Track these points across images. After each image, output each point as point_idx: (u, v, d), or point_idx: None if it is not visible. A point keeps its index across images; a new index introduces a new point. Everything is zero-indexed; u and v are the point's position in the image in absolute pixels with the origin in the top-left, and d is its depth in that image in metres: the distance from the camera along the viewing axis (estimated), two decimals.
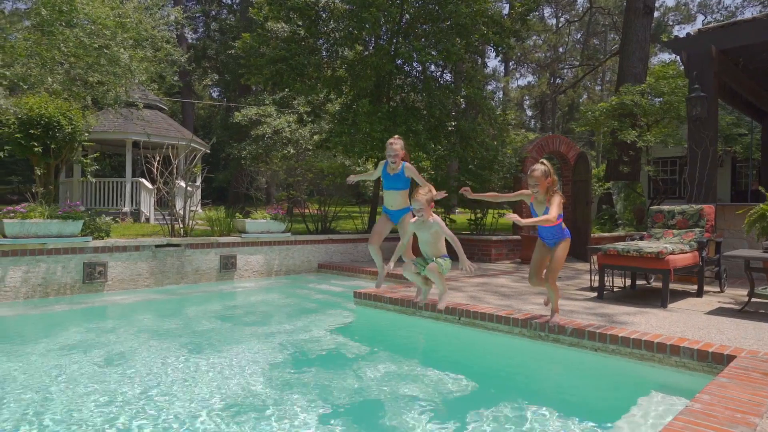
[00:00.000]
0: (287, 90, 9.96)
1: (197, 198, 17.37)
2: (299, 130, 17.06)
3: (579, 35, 41.03)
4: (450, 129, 10.19)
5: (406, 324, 5.25)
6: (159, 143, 13.41)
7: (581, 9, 37.39)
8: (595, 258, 5.88)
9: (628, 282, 6.43)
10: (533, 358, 4.17)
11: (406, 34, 9.81)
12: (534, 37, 36.82)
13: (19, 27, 6.77)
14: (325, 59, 10.40)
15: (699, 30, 7.59)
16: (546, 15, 39.42)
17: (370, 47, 10.21)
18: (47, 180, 11.28)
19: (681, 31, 25.12)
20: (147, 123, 14.86)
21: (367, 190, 17.30)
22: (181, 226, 7.85)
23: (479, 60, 13.08)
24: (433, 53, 9.18)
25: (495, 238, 9.73)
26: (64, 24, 5.98)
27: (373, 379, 3.53)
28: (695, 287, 5.94)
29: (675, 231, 6.12)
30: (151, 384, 3.36)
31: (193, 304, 6.42)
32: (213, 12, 30.64)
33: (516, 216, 3.83)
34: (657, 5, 29.39)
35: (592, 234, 10.42)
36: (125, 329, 4.89)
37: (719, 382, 2.89)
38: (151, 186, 11.44)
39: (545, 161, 4.09)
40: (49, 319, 5.33)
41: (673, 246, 5.31)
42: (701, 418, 2.38)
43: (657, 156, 14.86)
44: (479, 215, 10.51)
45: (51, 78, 6.69)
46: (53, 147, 10.38)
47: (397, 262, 4.71)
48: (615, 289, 6.14)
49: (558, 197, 4.02)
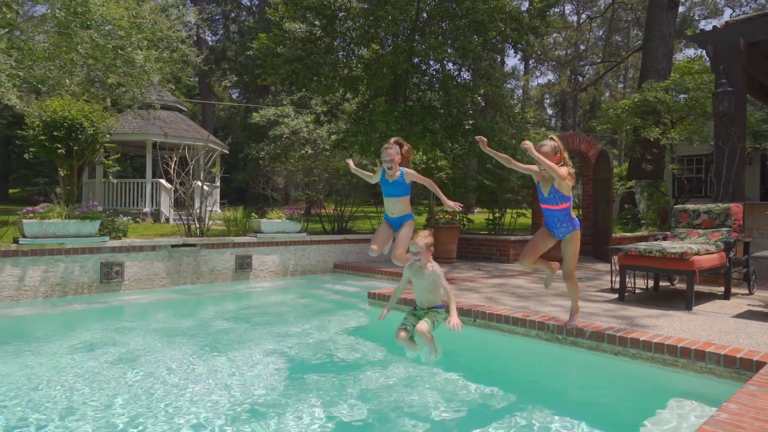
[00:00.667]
0: (303, 90, 9.92)
1: (216, 198, 17.54)
2: (317, 130, 17.09)
3: (601, 32, 40.32)
4: (467, 128, 10.04)
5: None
6: (177, 144, 13.56)
7: (603, 5, 36.72)
8: (616, 258, 5.70)
9: (650, 283, 6.23)
10: (550, 361, 4.05)
11: (422, 32, 9.71)
12: (554, 35, 36.27)
13: (41, 30, 6.88)
14: (342, 59, 10.36)
15: (726, 22, 7.32)
16: (567, 12, 38.85)
17: (386, 46, 10.13)
18: (70, 181, 11.49)
19: (707, 26, 24.46)
20: (166, 124, 15.04)
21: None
22: (198, 226, 7.89)
23: (498, 58, 12.91)
24: (450, 51, 9.06)
25: (513, 238, 9.56)
26: (79, 26, 6.05)
27: (387, 381, 3.45)
28: (722, 289, 5.72)
29: (700, 231, 5.91)
30: (166, 384, 3.36)
31: (209, 304, 6.44)
32: (232, 14, 30.95)
33: (531, 144, 3.54)
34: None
35: (613, 234, 10.18)
36: (141, 329, 4.91)
37: (748, 390, 2.73)
38: (170, 186, 11.58)
39: (555, 137, 3.78)
40: (68, 318, 5.39)
41: (699, 246, 5.11)
42: (728, 429, 2.25)
43: (682, 154, 14.45)
44: (497, 215, 10.35)
45: (69, 80, 6.78)
46: (76, 148, 10.57)
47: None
48: (637, 291, 5.95)
49: (566, 168, 3.64)
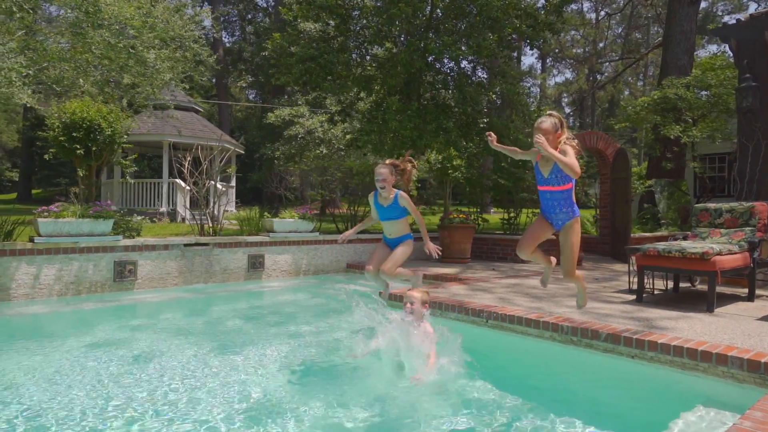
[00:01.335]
0: (316, 89, 9.91)
1: (231, 198, 17.66)
2: (331, 129, 17.10)
3: (620, 29, 39.68)
4: (482, 126, 9.92)
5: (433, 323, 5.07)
6: (193, 144, 13.65)
7: (622, 2, 36.11)
8: (634, 259, 5.55)
9: (670, 284, 6.05)
10: (564, 364, 3.93)
11: (436, 29, 9.62)
12: (572, 32, 35.81)
13: (58, 31, 6.96)
14: (355, 58, 10.32)
15: (751, 15, 7.10)
16: (585, 9, 38.33)
17: (400, 44, 10.06)
18: (89, 181, 11.66)
19: (731, 22, 23.90)
20: (182, 124, 15.18)
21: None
22: (211, 225, 7.91)
23: (515, 55, 12.74)
24: (464, 48, 8.95)
25: None
26: (90, 25, 6.11)
27: (398, 381, 3.37)
28: (746, 291, 5.53)
29: (722, 230, 5.71)
30: (176, 382, 3.36)
31: (221, 303, 6.44)
32: (249, 15, 31.18)
33: (543, 140, 3.10)
34: None
35: (632, 234, 9.95)
36: (153, 327, 4.94)
37: None
38: (186, 186, 11.68)
39: (554, 112, 3.32)
40: (81, 317, 5.44)
41: (721, 246, 4.94)
42: None
43: (704, 152, 14.09)
44: (512, 214, 10.20)
45: (83, 80, 6.85)
46: (94, 149, 10.71)
47: (419, 261, 4.48)
48: (656, 292, 5.79)
49: (571, 150, 3.17)
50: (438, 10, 9.87)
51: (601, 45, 38.58)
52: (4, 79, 4.95)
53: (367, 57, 10.45)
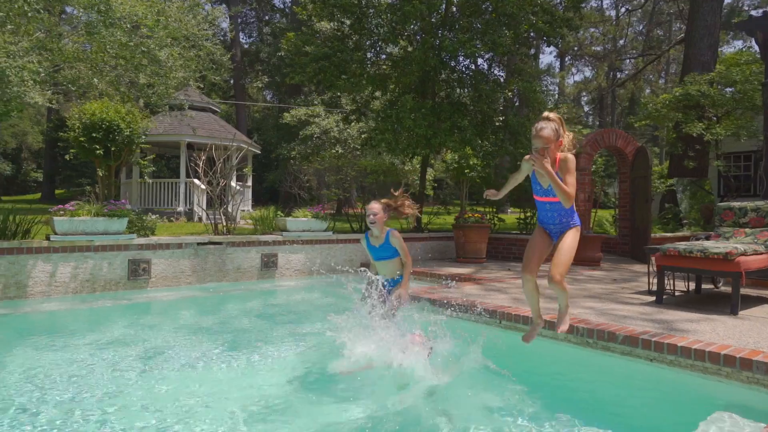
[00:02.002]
0: (330, 87, 9.88)
1: (248, 198, 17.76)
2: (347, 129, 17.08)
3: (641, 26, 38.93)
4: (497, 124, 9.78)
5: (447, 325, 4.98)
6: (210, 144, 13.77)
7: None
8: (654, 259, 5.38)
9: (692, 286, 5.86)
10: (579, 366, 3.82)
11: (450, 26, 9.51)
12: (591, 30, 35.23)
13: (73, 33, 7.05)
14: (370, 56, 10.27)
15: None
16: (605, 5, 37.70)
17: (414, 42, 9.98)
18: (108, 181, 11.84)
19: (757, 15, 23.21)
20: (199, 125, 15.32)
21: (413, 188, 17.05)
22: (225, 224, 7.93)
23: (532, 52, 12.56)
24: (479, 45, 8.83)
25: None
26: (102, 24, 6.17)
27: (408, 381, 3.29)
28: None
29: (747, 230, 5.51)
30: (187, 380, 3.37)
31: (234, 302, 6.44)
32: (266, 16, 31.39)
33: (537, 157, 2.76)
34: None
35: (652, 234, 9.71)
36: (166, 326, 4.96)
37: None
38: (202, 186, 11.77)
39: (551, 114, 2.90)
40: (95, 314, 5.48)
41: (745, 246, 4.76)
42: None
43: (728, 150, 13.71)
44: (529, 214, 10.04)
45: (98, 80, 6.93)
46: (113, 149, 10.88)
47: (434, 262, 4.38)
48: (676, 294, 5.61)
49: (572, 162, 2.85)
50: (453, 7, 9.76)
51: (621, 42, 37.91)
52: (16, 78, 5.02)
53: (382, 56, 10.39)
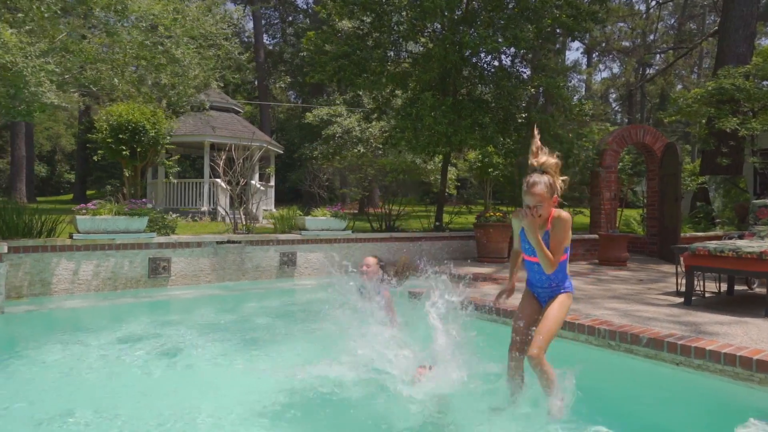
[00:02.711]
0: (350, 85, 9.85)
1: (271, 197, 17.89)
2: (369, 128, 17.04)
3: (672, 20, 37.82)
4: (520, 121, 9.58)
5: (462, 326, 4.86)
6: (233, 144, 13.92)
7: None
8: (683, 259, 5.16)
9: (724, 287, 5.61)
10: (601, 369, 3.65)
11: (471, 22, 9.36)
12: (620, 24, 34.38)
13: (96, 36, 7.17)
14: (390, 54, 10.19)
15: None
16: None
17: (435, 39, 9.86)
18: (134, 181, 12.09)
19: None
20: (222, 125, 15.50)
21: (435, 187, 16.91)
22: (244, 223, 7.97)
23: (557, 47, 12.29)
24: (500, 40, 8.65)
25: None
26: (119, 23, 6.26)
27: (423, 383, 3.19)
28: None
29: None
30: (205, 377, 3.39)
31: (252, 300, 6.45)
32: (290, 17, 31.63)
33: (530, 222, 2.55)
34: None
35: (682, 233, 9.38)
36: (186, 323, 5.01)
37: None
38: (225, 186, 11.91)
39: (546, 161, 2.61)
40: (117, 312, 5.56)
41: None
42: None
43: (765, 146, 13.15)
44: None
45: (118, 80, 7.04)
46: (139, 150, 11.09)
47: (455, 261, 4.29)
48: (706, 295, 5.37)
49: (566, 222, 2.61)
50: (474, 2, 9.60)
51: (652, 37, 36.87)
52: (33, 78, 5.13)
53: (403, 53, 10.30)
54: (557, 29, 9.95)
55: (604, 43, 35.48)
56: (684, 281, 5.14)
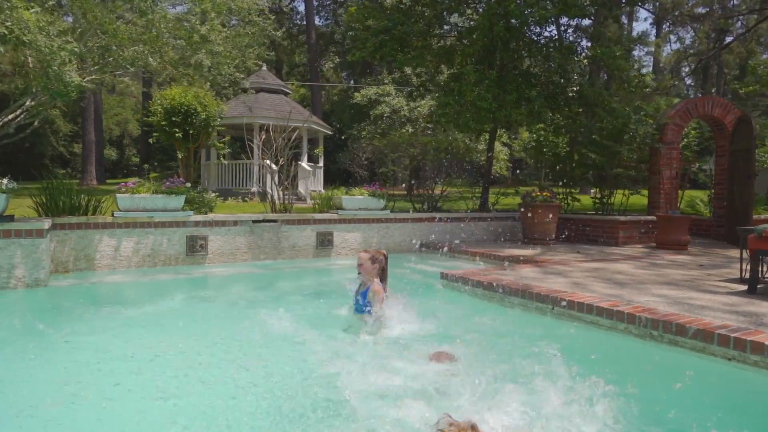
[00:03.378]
0: (392, 62, 9.57)
1: (319, 178, 18.00)
2: (417, 107, 16.69)
3: None
4: (571, 95, 8.98)
5: (491, 310, 4.59)
6: (282, 126, 14.02)
7: None
8: (748, 242, 4.61)
9: None
10: (640, 362, 3.28)
11: None
12: None
13: (131, 13, 7.25)
14: (432, 28, 9.79)
15: None
16: None
17: (479, 11, 9.37)
18: (188, 162, 12.49)
19: None
20: (271, 107, 15.65)
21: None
22: (282, 203, 7.97)
23: (624, 20, 11.38)
24: (549, 7, 8.07)
25: (623, 218, 8.39)
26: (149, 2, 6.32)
27: (438, 372, 2.99)
28: None
29: None
30: (239, 351, 3.37)
31: (287, 279, 6.44)
32: None
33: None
34: None
35: (755, 215, 8.54)
36: (219, 300, 5.10)
37: None
38: (273, 166, 12.05)
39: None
40: (156, 287, 5.71)
41: None
42: None
43: None
44: (606, 193, 9.18)
45: (153, 59, 7.14)
46: (191, 132, 11.43)
47: (498, 243, 4.05)
48: None
49: None
50: None
51: (732, 2, 33.64)
52: (57, 57, 5.24)
53: (446, 26, 9.88)
54: None
55: (676, 13, 32.80)
56: (749, 267, 4.60)
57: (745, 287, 4.57)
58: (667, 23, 36.36)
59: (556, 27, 9.60)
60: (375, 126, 17.59)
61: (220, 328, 4.01)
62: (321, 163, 18.20)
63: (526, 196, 8.47)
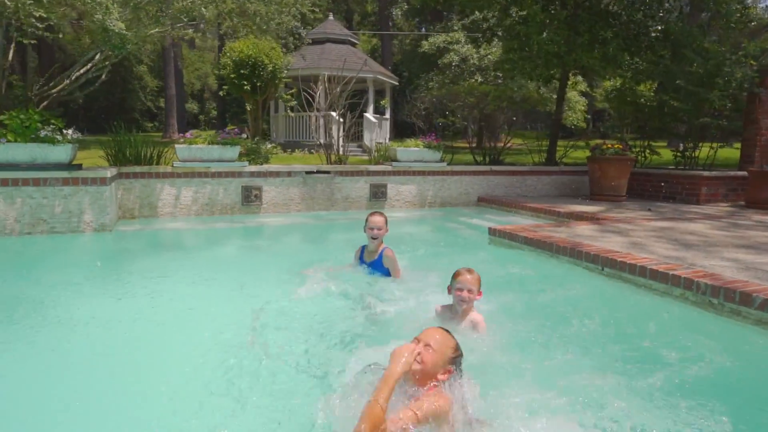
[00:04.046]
0: (456, 5, 9.00)
1: (386, 130, 17.78)
2: (488, 55, 15.83)
3: None
4: (654, 35, 8.03)
5: (540, 268, 4.32)
6: (348, 77, 13.86)
7: None
8: None
9: None
10: (695, 333, 2.88)
11: None
12: None
13: None
14: None
15: None
16: None
17: None
18: (256, 115, 12.78)
19: None
20: (337, 58, 15.47)
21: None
22: (337, 154, 7.94)
23: None
24: None
25: (707, 173, 7.56)
26: None
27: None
28: None
29: None
30: (285, 298, 3.48)
31: (339, 231, 6.48)
32: None
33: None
34: None
35: None
36: (274, 248, 5.45)
37: None
38: (334, 116, 12.02)
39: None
40: (214, 234, 5.99)
41: None
42: None
43: None
44: (689, 145, 8.29)
45: (206, 9, 7.16)
46: (259, 85, 11.63)
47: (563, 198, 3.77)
48: None
49: None
50: None
51: None
52: (98, 7, 5.36)
53: None
54: None
55: None
56: None
57: None
58: None
59: None
60: (443, 76, 16.94)
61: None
62: (387, 115, 17.94)
63: (595, 148, 7.85)
